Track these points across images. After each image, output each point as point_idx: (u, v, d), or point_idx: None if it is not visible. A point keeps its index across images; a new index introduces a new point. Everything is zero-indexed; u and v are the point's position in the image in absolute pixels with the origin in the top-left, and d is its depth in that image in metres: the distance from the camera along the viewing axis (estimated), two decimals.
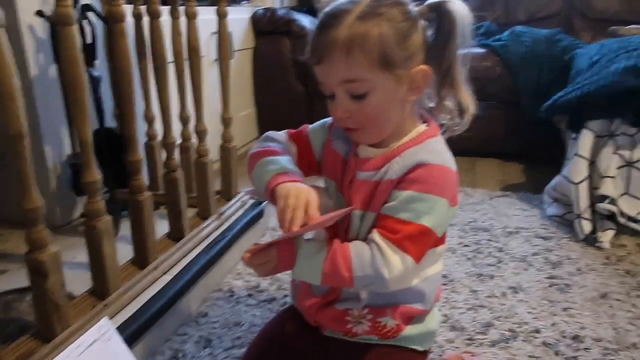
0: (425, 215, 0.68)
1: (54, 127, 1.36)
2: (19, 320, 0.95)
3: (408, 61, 0.68)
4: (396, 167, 0.70)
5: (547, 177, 1.73)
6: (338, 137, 0.80)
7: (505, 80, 2.19)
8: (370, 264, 0.67)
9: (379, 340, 0.78)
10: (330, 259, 0.69)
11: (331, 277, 0.69)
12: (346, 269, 0.68)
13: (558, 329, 1.09)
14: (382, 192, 0.71)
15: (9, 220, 1.40)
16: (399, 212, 0.68)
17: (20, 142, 0.77)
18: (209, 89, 1.38)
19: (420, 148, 0.72)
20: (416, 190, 0.68)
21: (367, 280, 0.68)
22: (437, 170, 0.70)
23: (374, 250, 0.68)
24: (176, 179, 1.19)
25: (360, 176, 0.73)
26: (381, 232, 0.69)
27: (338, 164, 0.78)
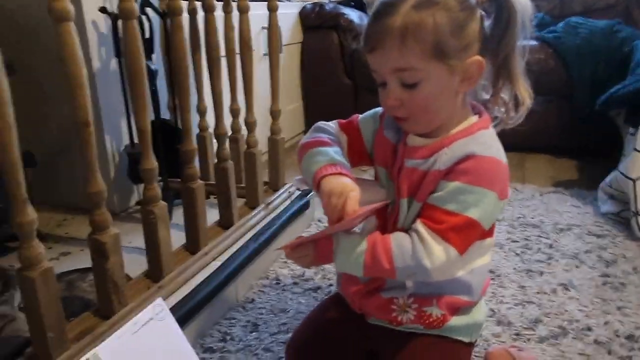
0: (472, 207, 0.67)
1: (114, 118, 1.43)
2: (82, 298, 1.01)
3: (463, 52, 0.67)
4: (445, 157, 0.70)
5: (601, 174, 1.67)
6: (390, 126, 0.79)
7: (559, 73, 2.12)
8: (411, 254, 0.67)
9: (424, 330, 0.78)
10: (371, 251, 0.69)
11: (373, 269, 0.70)
12: (387, 260, 0.68)
13: (611, 327, 1.05)
14: (429, 182, 0.71)
15: (72, 206, 1.48)
16: (445, 203, 0.68)
17: (86, 130, 0.82)
18: (257, 83, 1.42)
19: (470, 139, 0.71)
20: (464, 182, 0.67)
21: (409, 270, 0.68)
22: (487, 163, 0.69)
23: (415, 241, 0.68)
24: (227, 168, 1.23)
25: (409, 164, 0.73)
26: (425, 222, 0.68)
27: (388, 151, 0.78)
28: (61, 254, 1.25)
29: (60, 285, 1.02)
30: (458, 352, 0.80)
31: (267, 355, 1.01)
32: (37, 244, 0.77)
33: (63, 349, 0.82)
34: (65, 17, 0.75)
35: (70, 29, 0.76)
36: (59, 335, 0.81)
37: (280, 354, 1.01)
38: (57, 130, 1.46)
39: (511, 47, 0.70)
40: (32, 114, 1.46)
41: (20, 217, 0.74)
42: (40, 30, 1.36)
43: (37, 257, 0.76)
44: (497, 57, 0.71)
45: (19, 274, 0.77)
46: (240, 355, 1.01)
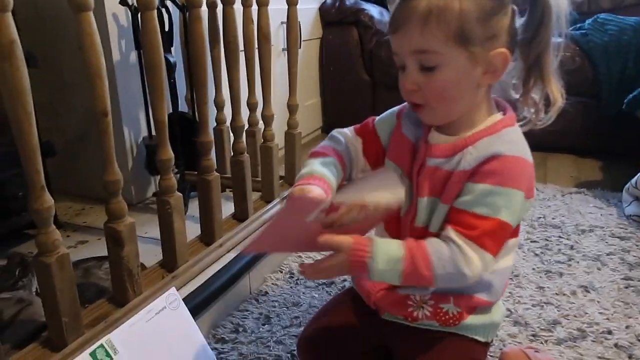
0: (502, 209, 0.65)
1: (132, 110, 1.44)
2: (97, 285, 1.02)
3: (487, 42, 0.65)
4: (469, 157, 0.68)
5: (626, 175, 1.62)
6: (408, 123, 0.78)
7: (585, 71, 2.07)
8: (450, 261, 0.65)
9: (440, 327, 0.77)
10: (409, 259, 0.66)
11: (411, 277, 0.67)
12: (426, 267, 0.66)
13: (633, 331, 1.02)
14: (454, 183, 0.69)
15: (90, 196, 1.50)
16: (474, 207, 0.66)
17: (104, 120, 0.82)
18: (276, 78, 1.42)
19: (495, 138, 0.69)
20: (492, 184, 0.66)
21: (448, 277, 0.66)
22: (513, 162, 0.67)
23: (453, 248, 0.66)
24: (243, 161, 1.23)
25: (431, 163, 0.72)
26: (458, 230, 0.66)
27: (406, 148, 0.77)
28: (79, 242, 1.27)
29: (77, 272, 1.03)
30: (473, 350, 0.78)
31: (279, 348, 1.01)
32: (54, 231, 0.78)
33: (77, 334, 0.83)
34: (85, 7, 0.76)
35: (90, 19, 0.77)
36: (73, 321, 0.82)
37: (292, 347, 1.00)
38: (77, 121, 1.48)
39: (544, 45, 0.68)
40: (52, 105, 1.48)
41: (37, 204, 0.75)
42: (61, 22, 1.38)
43: (53, 243, 0.77)
44: (529, 55, 0.69)
45: (35, 260, 0.78)
46: (252, 346, 1.01)
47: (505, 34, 0.66)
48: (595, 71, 2.05)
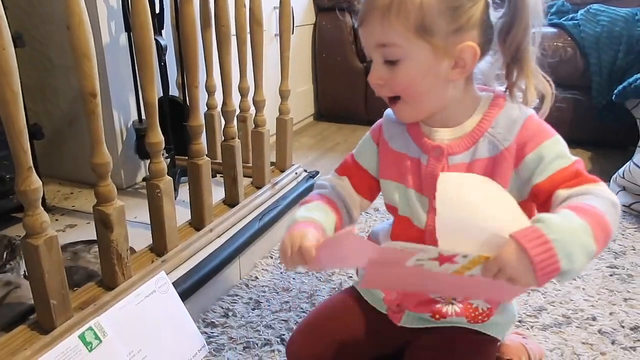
0: (567, 152, 0.65)
1: (122, 94, 1.43)
2: (86, 269, 1.01)
3: (453, 35, 0.63)
4: (500, 137, 0.67)
5: (615, 166, 1.64)
6: (394, 137, 0.76)
7: (577, 62, 2.07)
8: (600, 196, 0.59)
9: (467, 324, 0.75)
10: (593, 222, 0.55)
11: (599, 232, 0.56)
12: (597, 214, 0.57)
13: (617, 318, 1.04)
14: (503, 162, 0.67)
15: (79, 180, 1.49)
16: (554, 164, 0.64)
17: (93, 100, 0.81)
18: (268, 64, 1.40)
19: (507, 110, 0.68)
20: (547, 138, 0.66)
21: (613, 212, 0.59)
22: (536, 118, 0.68)
23: (587, 189, 0.61)
24: (234, 146, 1.23)
25: (455, 160, 0.69)
26: (566, 186, 0.63)
27: (403, 161, 0.74)
28: (67, 226, 1.26)
29: (65, 256, 1.03)
30: (487, 348, 0.78)
31: (269, 332, 1.01)
32: (42, 213, 0.77)
33: (66, 316, 0.83)
34: None
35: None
36: (62, 303, 0.82)
37: (281, 332, 1.01)
38: (66, 104, 1.46)
39: (521, 37, 0.66)
40: (40, 88, 1.46)
41: (24, 185, 0.74)
42: (50, 2, 1.35)
43: (41, 225, 0.77)
44: (507, 48, 0.67)
45: (23, 242, 0.77)
46: (242, 331, 1.01)
47: (476, 27, 0.64)
48: (586, 62, 2.06)
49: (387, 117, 0.78)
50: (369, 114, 2.52)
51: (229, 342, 0.99)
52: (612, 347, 0.96)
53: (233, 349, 0.97)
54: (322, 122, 2.65)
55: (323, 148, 2.25)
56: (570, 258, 0.53)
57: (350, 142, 2.33)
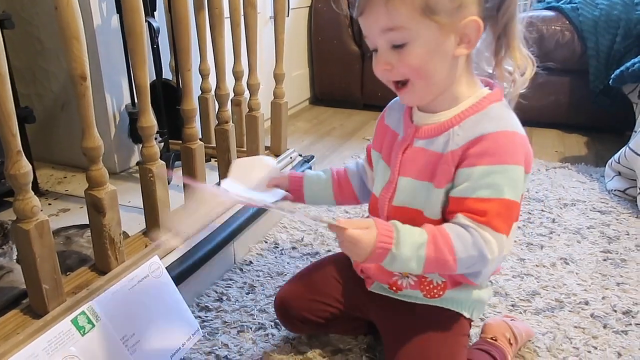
0: (504, 187, 0.65)
1: (114, 77, 1.41)
2: (79, 254, 1.01)
3: (456, 11, 0.64)
4: (457, 138, 0.68)
5: (610, 151, 1.64)
6: (391, 114, 0.80)
7: (574, 46, 2.06)
8: (472, 245, 0.64)
9: (424, 299, 0.77)
10: (433, 243, 0.64)
11: (433, 264, 0.65)
12: (450, 252, 0.64)
13: (609, 302, 1.05)
14: (445, 165, 0.68)
15: (72, 164, 1.48)
16: (476, 192, 0.65)
17: (83, 83, 0.80)
18: (263, 48, 1.39)
19: (481, 116, 0.68)
20: (487, 164, 0.65)
21: (470, 261, 0.65)
22: (503, 137, 0.66)
23: (472, 232, 0.65)
24: (228, 130, 1.22)
25: (418, 144, 0.72)
26: (469, 216, 0.65)
27: (387, 135, 0.79)
28: (60, 211, 1.25)
29: (58, 240, 1.02)
30: (455, 323, 0.79)
31: (263, 316, 1.01)
32: (32, 197, 0.76)
33: (59, 301, 0.83)
34: None
35: None
36: (54, 288, 0.81)
37: (275, 316, 1.01)
38: (57, 88, 1.45)
39: (511, 13, 0.67)
40: (31, 70, 1.44)
41: (14, 169, 0.73)
42: None
43: (32, 209, 0.76)
44: (497, 24, 0.68)
45: (14, 226, 0.77)
46: (236, 315, 1.02)
47: (474, 2, 0.65)
48: (584, 46, 2.04)
49: (394, 100, 0.82)
50: (365, 98, 2.50)
51: (223, 326, 0.99)
52: (604, 331, 0.97)
53: (227, 332, 0.97)
54: (318, 106, 2.64)
55: (319, 132, 2.24)
56: (392, 263, 0.65)
57: (346, 126, 2.32)
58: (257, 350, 0.92)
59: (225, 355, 0.91)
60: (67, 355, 0.76)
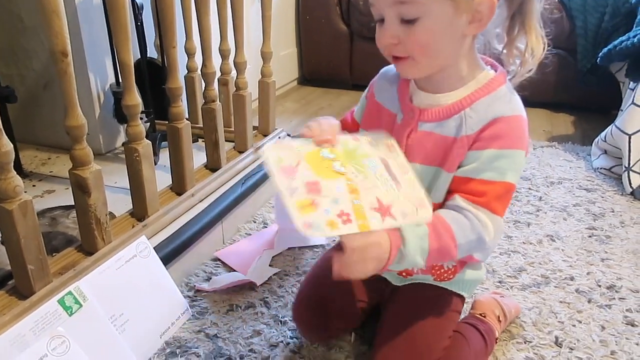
0: (508, 171, 0.65)
1: (98, 56, 1.38)
2: (64, 234, 1.00)
3: None
4: (471, 122, 0.66)
5: (597, 130, 1.65)
6: (382, 90, 0.77)
7: (563, 24, 2.05)
8: (470, 229, 0.64)
9: (434, 282, 0.78)
10: (434, 232, 0.63)
11: (437, 253, 0.63)
12: (450, 238, 0.64)
13: (593, 278, 1.06)
14: (459, 149, 0.67)
15: (56, 145, 1.45)
16: (482, 173, 0.65)
17: (64, 60, 0.78)
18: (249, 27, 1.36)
19: (493, 98, 0.67)
20: (498, 147, 0.65)
21: (470, 246, 0.65)
22: (515, 122, 0.66)
23: (469, 216, 0.64)
24: (214, 109, 1.20)
25: (423, 127, 0.70)
26: (466, 197, 0.65)
27: (382, 115, 0.75)
28: (45, 192, 1.23)
29: (43, 221, 1.01)
30: (452, 303, 0.80)
31: (252, 295, 1.02)
32: (15, 177, 0.75)
33: (45, 282, 0.82)
34: None
35: None
36: (40, 268, 0.81)
37: (264, 294, 1.02)
38: (39, 67, 1.41)
39: None
40: (12, 50, 1.40)
41: None
42: None
43: (14, 189, 0.75)
44: (513, 2, 0.66)
45: None
46: (225, 294, 1.02)
47: None
48: (572, 24, 2.04)
49: (382, 72, 0.79)
50: (354, 78, 2.48)
51: (212, 305, 0.99)
52: (588, 305, 0.98)
53: (216, 312, 0.97)
54: (306, 86, 2.62)
55: (307, 113, 2.22)
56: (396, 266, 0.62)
57: (335, 106, 2.31)
58: (247, 329, 0.93)
59: (215, 333, 0.91)
60: (55, 335, 0.75)
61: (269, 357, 0.86)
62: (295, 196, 0.56)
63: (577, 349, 0.88)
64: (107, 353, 0.81)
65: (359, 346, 0.88)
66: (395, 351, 0.74)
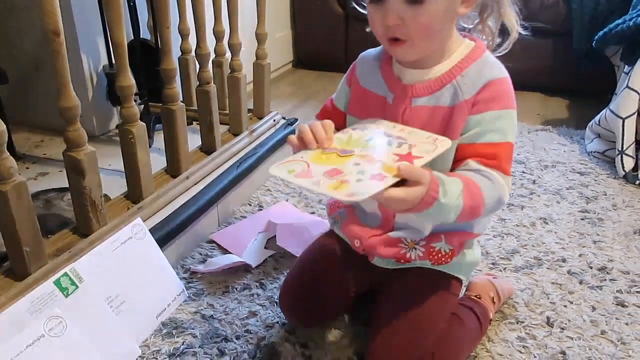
0: (508, 130, 0.68)
1: (90, 37, 1.36)
2: (59, 217, 1.00)
3: None
4: (465, 88, 0.68)
5: (591, 114, 1.65)
6: (367, 75, 0.77)
7: (558, 7, 2.04)
8: (493, 188, 0.66)
9: (432, 266, 0.78)
10: (468, 191, 0.63)
11: (468, 210, 0.64)
12: (480, 197, 0.65)
13: (585, 259, 1.08)
14: (459, 115, 0.68)
15: (49, 127, 1.44)
16: (487, 136, 0.67)
17: (56, 39, 0.77)
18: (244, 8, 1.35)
19: (481, 64, 0.69)
20: (498, 108, 0.67)
21: (492, 206, 0.67)
22: (507, 84, 0.69)
23: (489, 176, 0.66)
24: (209, 91, 1.19)
25: (418, 102, 0.71)
26: (479, 161, 0.67)
27: (369, 100, 0.75)
28: (39, 174, 1.23)
29: (37, 204, 1.01)
30: (451, 286, 0.81)
31: (248, 276, 1.02)
32: (8, 158, 0.74)
33: (40, 263, 0.82)
34: None
35: None
36: (35, 250, 0.81)
37: (260, 276, 1.02)
38: (31, 48, 1.39)
39: None
40: (2, 29, 1.38)
41: None
42: None
43: (8, 171, 0.74)
44: None
45: None
46: (220, 276, 1.02)
47: None
48: (568, 7, 2.03)
49: (362, 57, 0.79)
50: (349, 61, 2.44)
51: (207, 286, 0.99)
52: (579, 286, 1.00)
53: (212, 293, 0.98)
54: (301, 69, 2.60)
55: (302, 96, 2.21)
56: (434, 214, 0.62)
57: (330, 90, 2.28)
58: (243, 310, 0.93)
59: (211, 315, 0.92)
60: (52, 316, 0.76)
61: (265, 337, 0.87)
62: (323, 185, 0.58)
63: (568, 329, 0.89)
64: (104, 334, 0.81)
65: (353, 326, 0.89)
66: (394, 335, 0.75)
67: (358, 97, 0.78)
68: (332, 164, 0.62)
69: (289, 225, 1.13)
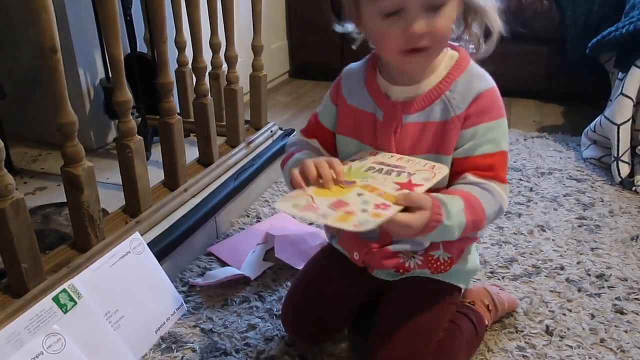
0: (501, 140, 0.70)
1: (87, 51, 1.37)
2: (57, 232, 1.00)
3: None
4: (455, 102, 0.69)
5: (587, 120, 1.66)
6: (353, 93, 0.76)
7: (552, 15, 2.06)
8: (493, 199, 0.68)
9: (432, 275, 0.78)
10: (469, 207, 0.65)
11: (471, 225, 0.66)
12: (482, 211, 0.66)
13: (583, 267, 1.08)
14: (452, 130, 0.69)
15: (47, 141, 1.44)
16: (481, 147, 0.69)
17: (53, 56, 0.77)
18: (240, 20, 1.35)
19: (468, 76, 0.69)
20: (489, 120, 0.68)
21: (493, 216, 0.69)
22: (495, 94, 0.70)
23: (487, 188, 0.68)
24: (206, 104, 1.20)
25: (408, 119, 0.71)
26: (476, 173, 0.68)
27: (358, 118, 0.75)
28: (37, 189, 1.23)
29: (35, 219, 1.01)
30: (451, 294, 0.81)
31: (247, 289, 1.02)
32: (6, 175, 0.75)
33: (38, 280, 0.82)
34: None
35: None
36: (33, 267, 0.80)
37: (259, 289, 1.02)
38: (28, 62, 1.40)
39: None
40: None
41: None
42: None
43: (6, 187, 0.74)
44: None
45: None
46: (219, 289, 1.02)
47: None
48: (561, 15, 2.05)
49: (346, 73, 0.79)
50: None
51: (207, 300, 0.99)
52: (578, 294, 1.00)
53: (211, 306, 0.98)
54: (298, 79, 2.61)
55: (299, 106, 2.22)
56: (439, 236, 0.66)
57: None
58: (242, 323, 0.93)
59: (210, 328, 0.92)
60: (50, 333, 0.75)
61: (264, 350, 0.87)
62: (329, 217, 0.59)
63: (568, 337, 0.89)
64: (103, 350, 0.81)
65: (354, 338, 0.89)
66: (393, 346, 0.75)
67: (348, 116, 0.77)
68: (335, 196, 0.63)
69: (287, 236, 1.13)
